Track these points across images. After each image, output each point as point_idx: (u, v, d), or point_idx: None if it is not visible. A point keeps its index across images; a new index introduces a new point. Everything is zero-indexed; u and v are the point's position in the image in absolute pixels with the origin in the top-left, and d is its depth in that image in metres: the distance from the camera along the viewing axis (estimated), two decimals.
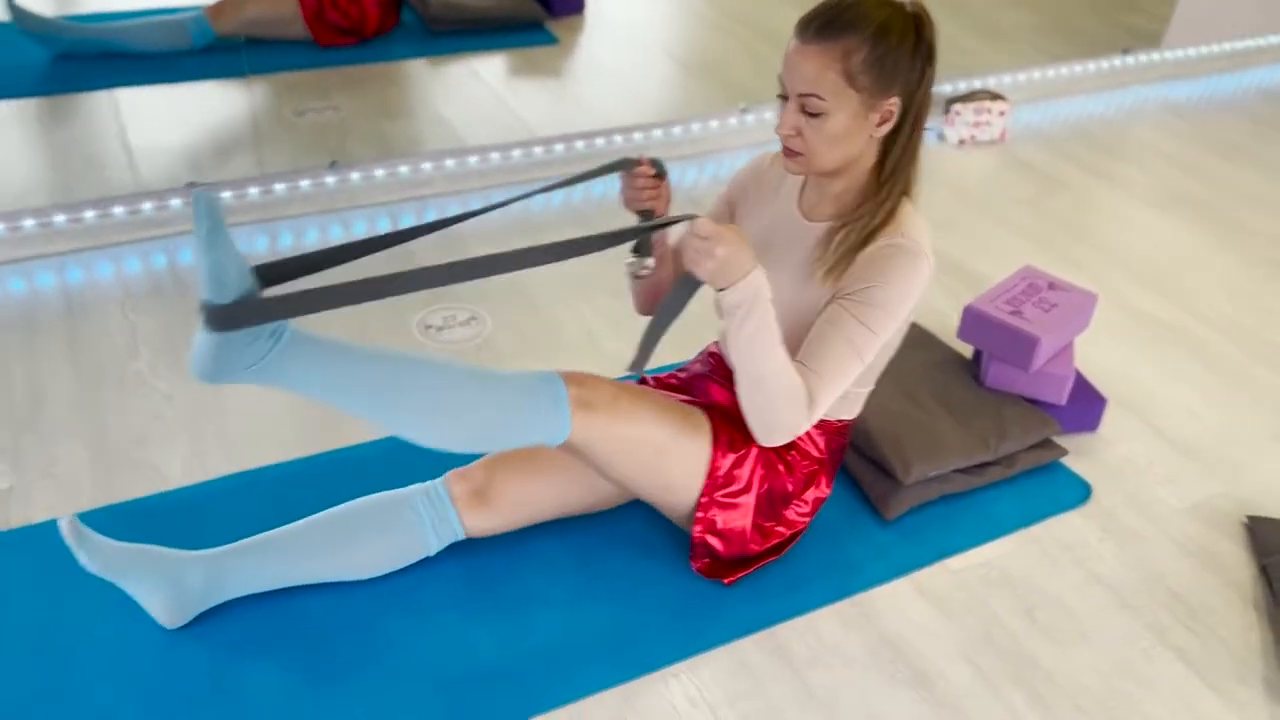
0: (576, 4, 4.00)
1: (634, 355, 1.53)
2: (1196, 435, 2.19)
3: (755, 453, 1.67)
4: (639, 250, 1.58)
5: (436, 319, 2.37)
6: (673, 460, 1.63)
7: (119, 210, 2.53)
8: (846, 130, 1.49)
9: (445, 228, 1.57)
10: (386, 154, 2.87)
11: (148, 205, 2.55)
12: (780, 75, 1.51)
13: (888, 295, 1.53)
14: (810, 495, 1.75)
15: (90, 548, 1.52)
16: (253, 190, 2.66)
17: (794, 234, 1.63)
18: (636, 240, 1.56)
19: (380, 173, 2.79)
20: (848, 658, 1.66)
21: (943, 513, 1.93)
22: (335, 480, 1.83)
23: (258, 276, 1.38)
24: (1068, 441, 2.11)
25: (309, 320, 1.48)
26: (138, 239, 2.57)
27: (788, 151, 1.54)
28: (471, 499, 1.68)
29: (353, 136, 3.04)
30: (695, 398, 1.79)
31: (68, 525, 1.50)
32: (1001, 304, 2.11)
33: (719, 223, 1.45)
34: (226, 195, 2.63)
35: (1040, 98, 3.75)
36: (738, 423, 1.66)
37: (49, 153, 2.93)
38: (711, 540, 1.70)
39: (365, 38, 3.55)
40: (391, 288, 1.35)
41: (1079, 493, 2.00)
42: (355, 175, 2.77)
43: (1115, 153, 3.42)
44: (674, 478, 1.65)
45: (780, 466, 1.69)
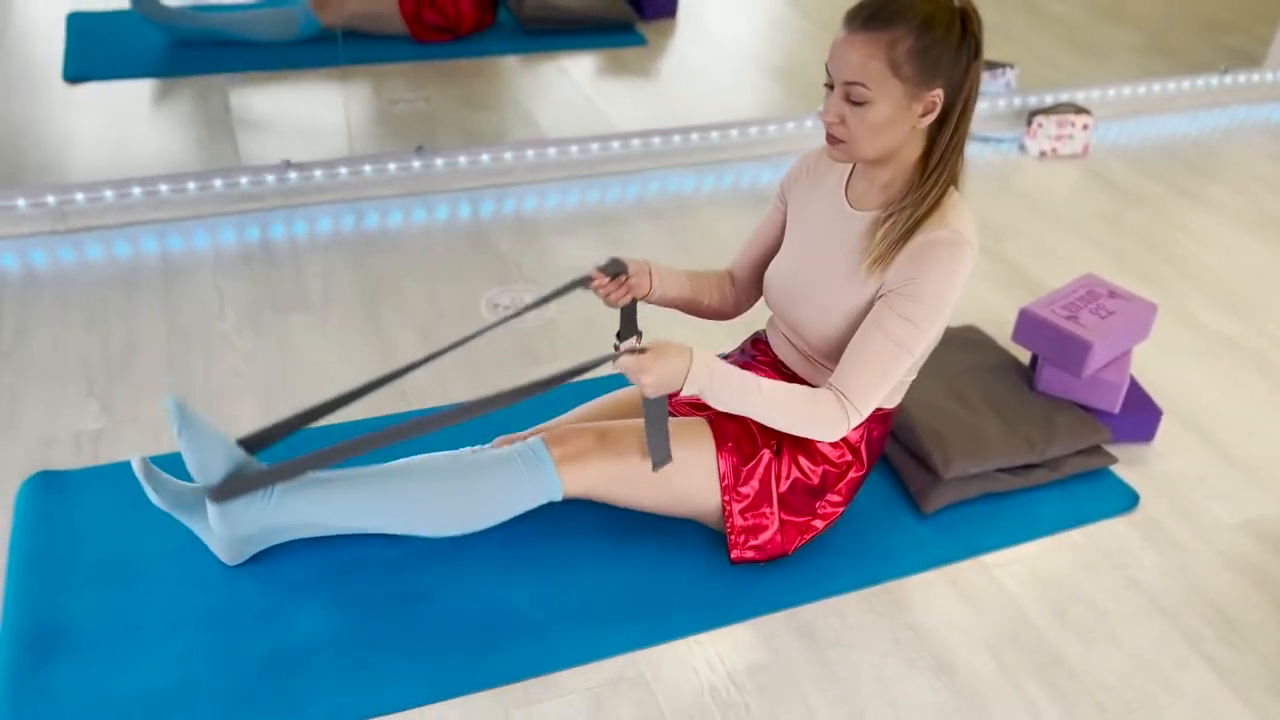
0: (669, 7, 4.08)
1: (652, 457, 1.64)
2: (1256, 454, 2.15)
3: (768, 457, 1.70)
4: (621, 337, 1.69)
5: (505, 298, 2.46)
6: (677, 475, 1.69)
7: (218, 183, 2.69)
8: (889, 119, 1.52)
9: (396, 378, 1.73)
10: (472, 143, 2.99)
11: (244, 180, 2.71)
12: (827, 64, 1.55)
13: (930, 289, 1.55)
14: (844, 485, 1.77)
15: (159, 484, 1.64)
16: (343, 170, 2.80)
17: (841, 224, 1.67)
18: (620, 329, 1.72)
19: (463, 160, 2.91)
20: (871, 641, 1.68)
21: (983, 511, 1.94)
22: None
23: (244, 447, 1.62)
24: (1120, 451, 2.10)
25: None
26: (234, 211, 2.73)
27: (831, 139, 1.58)
28: None
29: (441, 126, 3.17)
30: None
31: (139, 463, 1.62)
32: (1058, 308, 2.11)
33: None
34: (318, 174, 2.77)
35: (1130, 114, 3.70)
36: (747, 427, 1.70)
37: (160, 129, 3.13)
38: (750, 554, 1.75)
39: (460, 35, 3.70)
40: (355, 449, 1.55)
41: (1125, 500, 1.99)
42: (440, 161, 2.89)
43: (1206, 172, 3.35)
44: (686, 491, 1.71)
45: (804, 460, 1.72)
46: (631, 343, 1.68)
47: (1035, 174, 3.25)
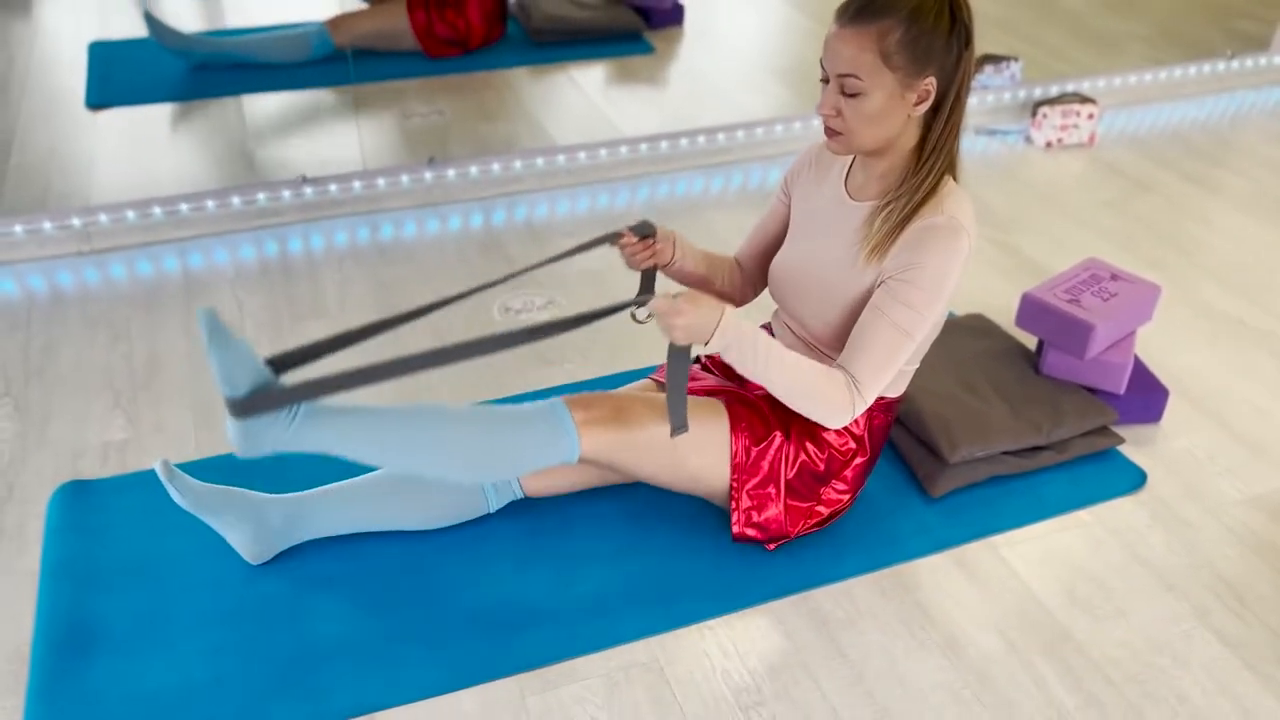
0: (676, 16, 4.13)
1: (671, 421, 1.64)
2: (1264, 431, 2.16)
3: (779, 440, 1.74)
4: (638, 303, 1.69)
5: (516, 303, 2.51)
6: (691, 453, 1.72)
7: (236, 201, 2.76)
8: (884, 109, 1.55)
9: (433, 312, 1.71)
10: (483, 153, 3.05)
11: (262, 196, 2.78)
12: (821, 59, 1.58)
13: (928, 274, 1.58)
14: (850, 473, 1.81)
15: (182, 486, 1.69)
16: (357, 184, 2.86)
17: (841, 214, 1.70)
18: (639, 294, 1.71)
19: (474, 170, 2.97)
20: (880, 622, 1.71)
21: (991, 494, 1.96)
22: None
23: (271, 366, 1.59)
24: (1127, 431, 2.12)
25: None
26: (252, 227, 2.80)
27: (829, 131, 1.61)
28: None
29: (453, 138, 3.23)
30: (745, 379, 1.88)
31: (162, 466, 1.67)
32: (1060, 292, 2.14)
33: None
34: (333, 189, 2.84)
35: (1137, 102, 3.71)
36: (760, 410, 1.74)
37: (179, 151, 3.21)
38: (750, 531, 1.78)
39: (471, 49, 3.76)
40: (380, 374, 1.53)
41: (1133, 479, 2.01)
42: (451, 172, 2.95)
43: (1213, 158, 3.36)
44: (699, 469, 1.74)
45: (810, 446, 1.75)
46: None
47: (1041, 164, 3.27)
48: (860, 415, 1.77)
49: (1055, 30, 4.32)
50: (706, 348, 1.58)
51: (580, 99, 3.63)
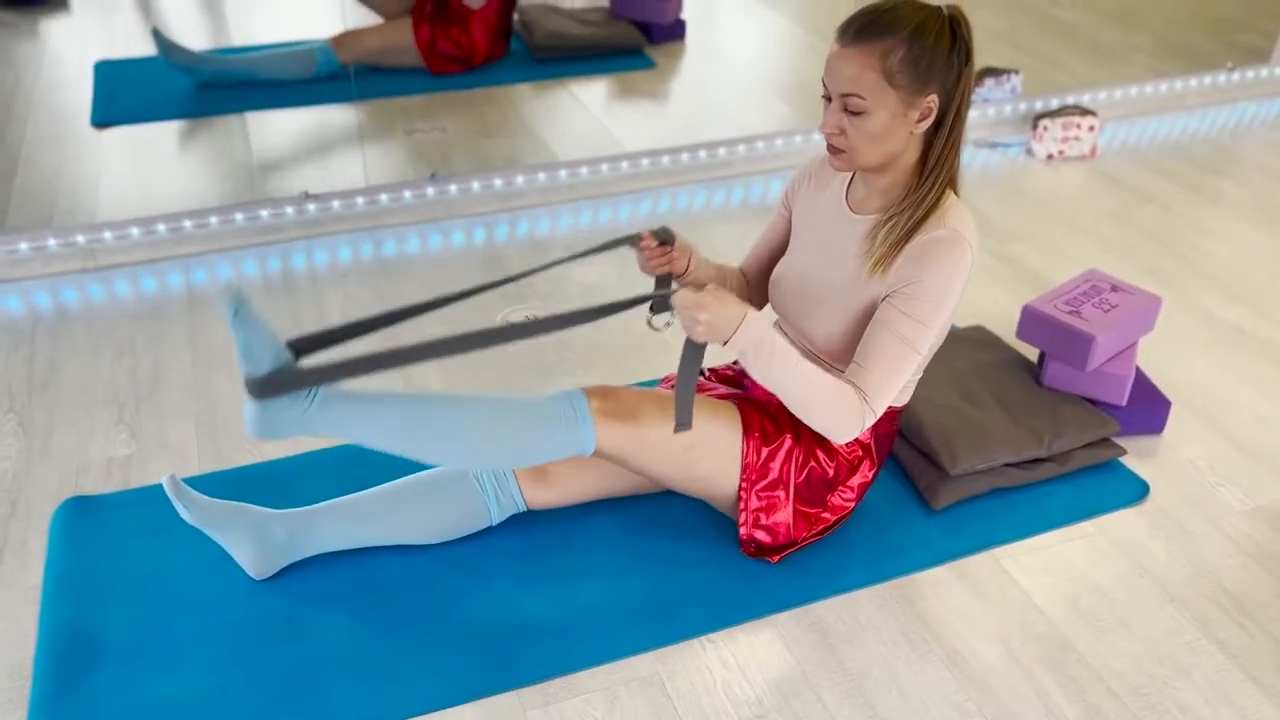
0: (677, 31, 4.16)
1: (676, 417, 1.64)
2: (1266, 440, 2.16)
3: (789, 443, 1.74)
4: (655, 309, 1.70)
5: (518, 317, 2.52)
6: (704, 455, 1.72)
7: (240, 217, 2.78)
8: (887, 127, 1.56)
9: (455, 302, 1.77)
10: (485, 169, 3.06)
11: (265, 213, 2.80)
12: (823, 78, 1.59)
13: (933, 287, 1.59)
14: (855, 481, 1.81)
15: (188, 501, 1.70)
16: (359, 200, 2.88)
17: (843, 227, 1.71)
18: (651, 301, 1.69)
19: (477, 185, 2.98)
20: (882, 635, 1.71)
21: (993, 506, 1.96)
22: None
23: (291, 349, 1.61)
24: (1129, 443, 2.11)
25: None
26: (255, 243, 2.82)
27: (832, 149, 1.63)
28: (533, 474, 1.81)
29: (456, 154, 3.25)
30: (749, 388, 1.88)
31: (169, 480, 1.68)
32: (1060, 304, 2.14)
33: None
34: (335, 205, 2.86)
35: (1138, 114, 3.71)
36: (771, 414, 1.74)
37: (183, 168, 3.23)
38: (758, 534, 1.79)
39: (474, 65, 3.78)
40: (400, 359, 1.56)
41: (1135, 491, 2.01)
42: (453, 188, 2.96)
43: (1215, 169, 3.36)
44: (709, 472, 1.74)
45: (820, 453, 1.76)
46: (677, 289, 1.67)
47: (1043, 177, 3.28)
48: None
49: (1056, 43, 4.33)
50: (725, 347, 1.57)
51: (582, 114, 3.65)
